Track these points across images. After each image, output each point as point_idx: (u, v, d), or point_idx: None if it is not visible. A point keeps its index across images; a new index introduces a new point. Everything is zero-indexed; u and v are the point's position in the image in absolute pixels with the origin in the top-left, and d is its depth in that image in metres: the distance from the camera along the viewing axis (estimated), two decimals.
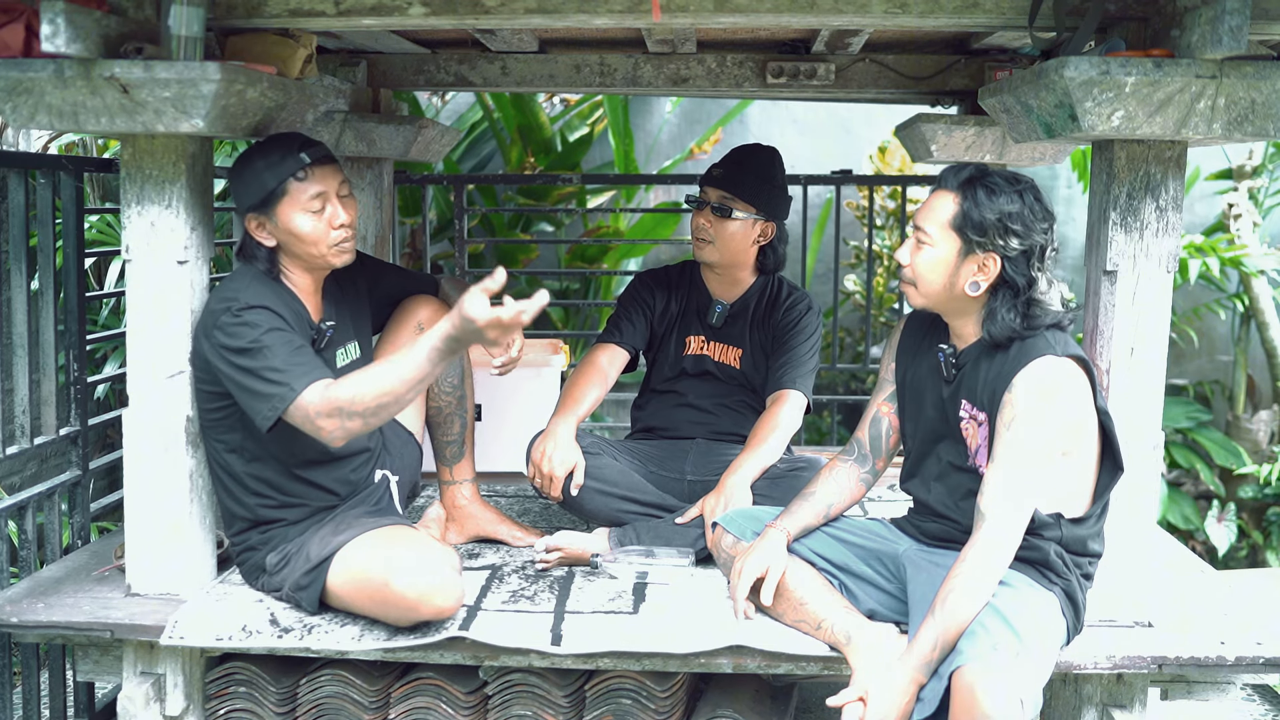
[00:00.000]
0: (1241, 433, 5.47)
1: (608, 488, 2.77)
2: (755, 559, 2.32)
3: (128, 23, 2.24)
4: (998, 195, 2.14)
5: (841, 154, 6.07)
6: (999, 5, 2.24)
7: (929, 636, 2.04)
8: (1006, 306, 2.15)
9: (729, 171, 2.89)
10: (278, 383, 2.21)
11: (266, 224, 2.37)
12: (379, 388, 2.16)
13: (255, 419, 2.26)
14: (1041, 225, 2.14)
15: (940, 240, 2.19)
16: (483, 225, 5.68)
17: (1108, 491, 2.19)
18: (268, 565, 2.42)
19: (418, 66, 3.57)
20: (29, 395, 2.71)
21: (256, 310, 2.28)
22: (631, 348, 3.01)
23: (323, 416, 2.18)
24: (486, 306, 2.03)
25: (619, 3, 2.26)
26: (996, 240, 2.13)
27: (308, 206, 2.35)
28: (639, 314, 3.04)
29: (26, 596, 2.45)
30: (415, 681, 2.40)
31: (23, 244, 2.67)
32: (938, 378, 2.32)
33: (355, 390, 2.17)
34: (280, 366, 2.22)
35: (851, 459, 2.48)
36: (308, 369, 2.24)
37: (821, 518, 2.43)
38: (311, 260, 2.41)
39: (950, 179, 2.21)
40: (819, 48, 3.36)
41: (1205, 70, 2.03)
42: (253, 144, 2.40)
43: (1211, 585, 2.64)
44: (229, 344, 2.25)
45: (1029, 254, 2.14)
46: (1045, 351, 2.12)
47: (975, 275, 2.17)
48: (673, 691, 2.37)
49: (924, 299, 2.25)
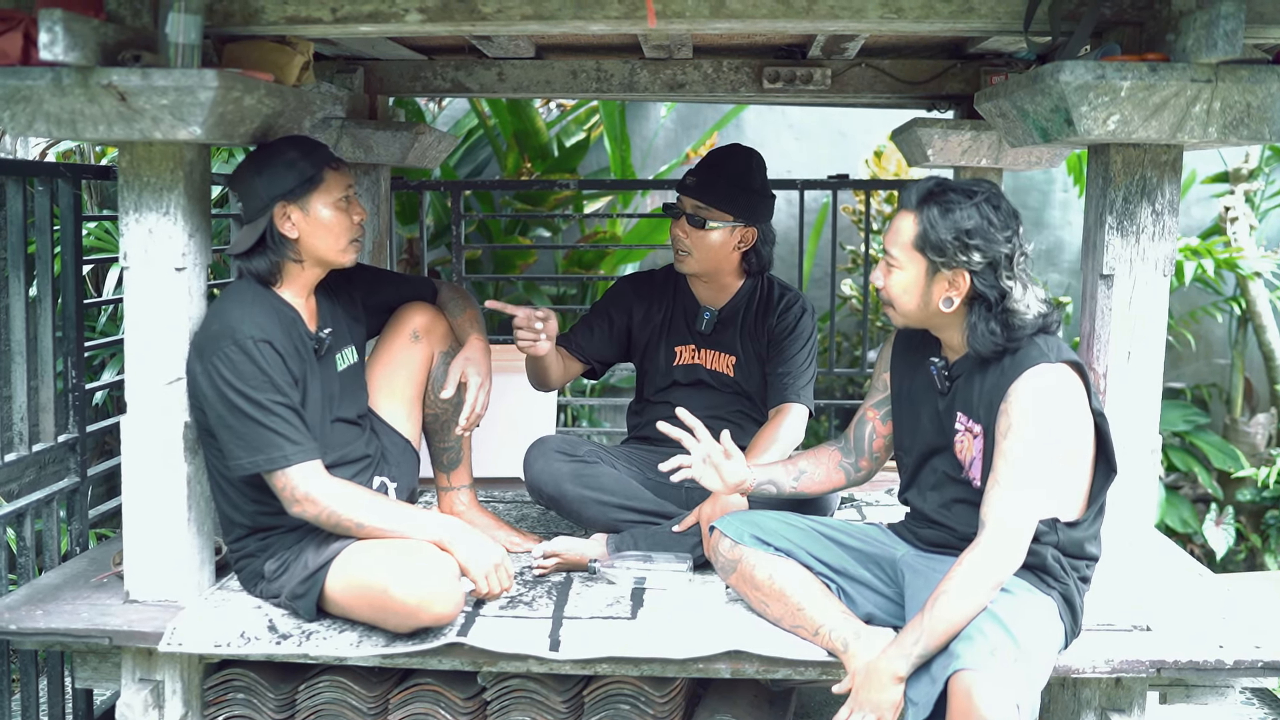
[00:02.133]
0: (1239, 436, 5.48)
1: (605, 496, 2.76)
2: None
3: (125, 31, 2.24)
4: (952, 211, 2.12)
5: (838, 158, 6.08)
6: (994, 10, 2.24)
7: (914, 633, 2.05)
8: (984, 320, 2.14)
9: (703, 179, 2.82)
10: (271, 444, 2.26)
11: (294, 213, 2.39)
12: (353, 517, 2.31)
13: (229, 460, 2.30)
14: (1004, 234, 2.12)
15: (907, 263, 2.19)
16: (480, 231, 5.69)
17: (1103, 494, 2.19)
18: (266, 572, 2.42)
19: (414, 73, 3.58)
20: (27, 402, 2.71)
21: (260, 346, 2.28)
22: (583, 358, 2.98)
23: (297, 502, 2.29)
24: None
25: (615, 9, 2.26)
26: (959, 257, 2.12)
27: (337, 198, 2.42)
28: (605, 325, 2.99)
29: (25, 603, 2.44)
30: (414, 687, 2.40)
31: (21, 251, 2.67)
32: (932, 391, 2.32)
33: (334, 505, 2.29)
34: (277, 429, 2.27)
35: (838, 447, 2.53)
36: (303, 443, 2.29)
37: (791, 482, 2.48)
38: (325, 257, 2.44)
39: (908, 198, 2.20)
40: (815, 53, 3.36)
41: (1201, 74, 2.04)
42: (272, 143, 2.42)
43: (1210, 589, 2.64)
44: (229, 379, 2.26)
45: (995, 265, 2.12)
46: (1038, 360, 2.11)
47: (947, 292, 2.17)
48: (671, 697, 2.37)
49: (903, 319, 2.26)
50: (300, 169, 2.38)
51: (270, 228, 2.39)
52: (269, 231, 2.39)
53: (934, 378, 2.30)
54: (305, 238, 2.41)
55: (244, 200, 2.42)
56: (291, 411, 2.30)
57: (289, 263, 2.43)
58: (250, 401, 2.26)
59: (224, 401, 2.26)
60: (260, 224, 2.39)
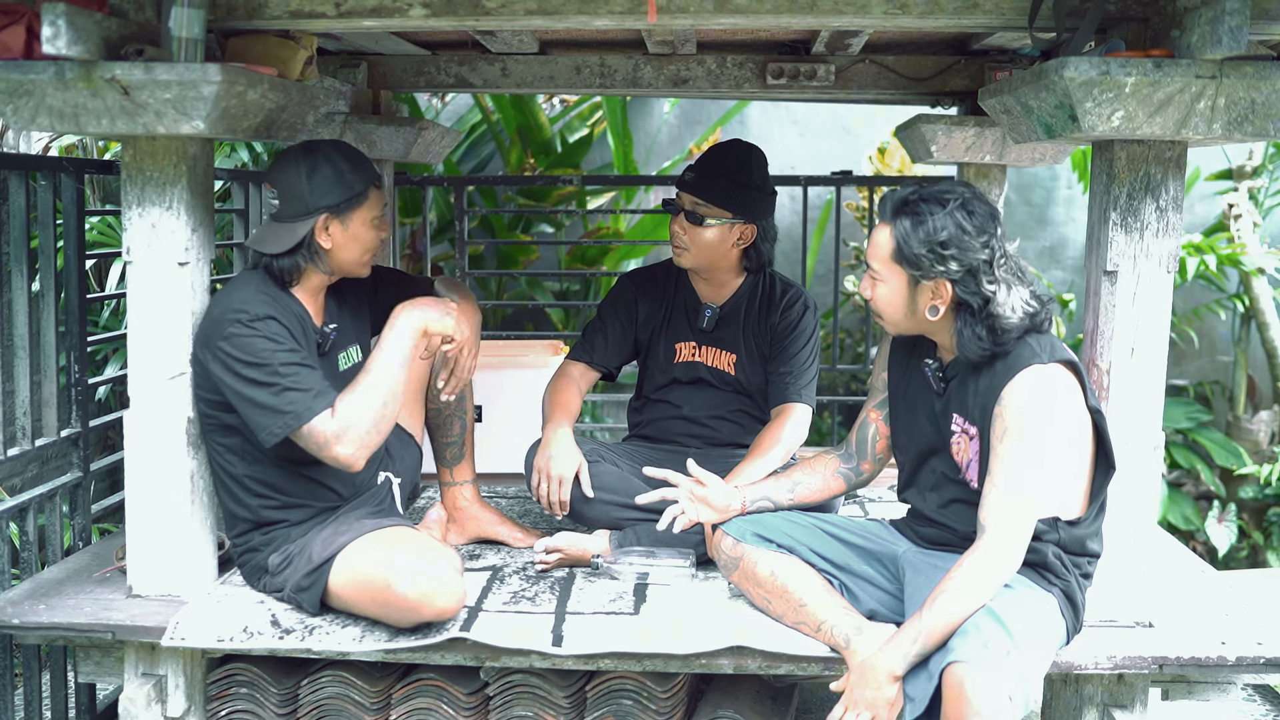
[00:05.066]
0: (1242, 433, 5.47)
1: (608, 495, 2.75)
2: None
3: (128, 25, 2.24)
4: (924, 223, 2.11)
5: (841, 155, 6.08)
6: (999, 6, 2.24)
7: (911, 631, 2.05)
8: (969, 326, 2.14)
9: (700, 176, 2.79)
10: (290, 401, 2.25)
11: (334, 226, 2.39)
12: (374, 393, 2.30)
13: (259, 433, 2.28)
14: (979, 240, 2.10)
15: (888, 276, 2.19)
16: (483, 226, 5.69)
17: (1103, 491, 2.19)
18: (270, 566, 2.42)
19: (418, 68, 3.57)
20: (30, 397, 2.71)
21: (266, 322, 2.28)
22: (603, 368, 2.98)
23: (329, 445, 2.27)
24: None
25: (619, 4, 2.26)
26: (936, 268, 2.11)
27: (375, 216, 2.45)
28: (616, 327, 2.98)
29: (28, 598, 2.45)
30: (416, 682, 2.40)
31: (24, 246, 2.67)
32: (929, 392, 2.32)
33: (358, 420, 2.29)
34: (293, 386, 2.26)
35: (837, 454, 2.53)
36: (321, 391, 2.28)
37: (787, 494, 2.50)
38: (347, 268, 2.47)
39: (885, 210, 2.20)
40: (819, 49, 3.36)
41: (1205, 70, 2.03)
42: (313, 144, 2.41)
43: (1212, 585, 2.64)
44: (238, 356, 2.26)
45: (974, 272, 2.11)
46: (1031, 361, 2.11)
47: (931, 301, 2.16)
48: (674, 692, 2.37)
49: (894, 328, 2.27)
50: (349, 183, 2.38)
51: (309, 236, 2.38)
52: (307, 239, 2.38)
53: (930, 379, 2.30)
54: (338, 249, 2.41)
55: (284, 201, 2.39)
56: (299, 367, 2.29)
57: (312, 268, 2.43)
58: (260, 368, 2.25)
59: (238, 378, 2.26)
60: (300, 230, 2.37)
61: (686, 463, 2.50)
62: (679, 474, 2.50)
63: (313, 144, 2.42)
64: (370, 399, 2.30)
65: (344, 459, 2.29)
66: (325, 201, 2.36)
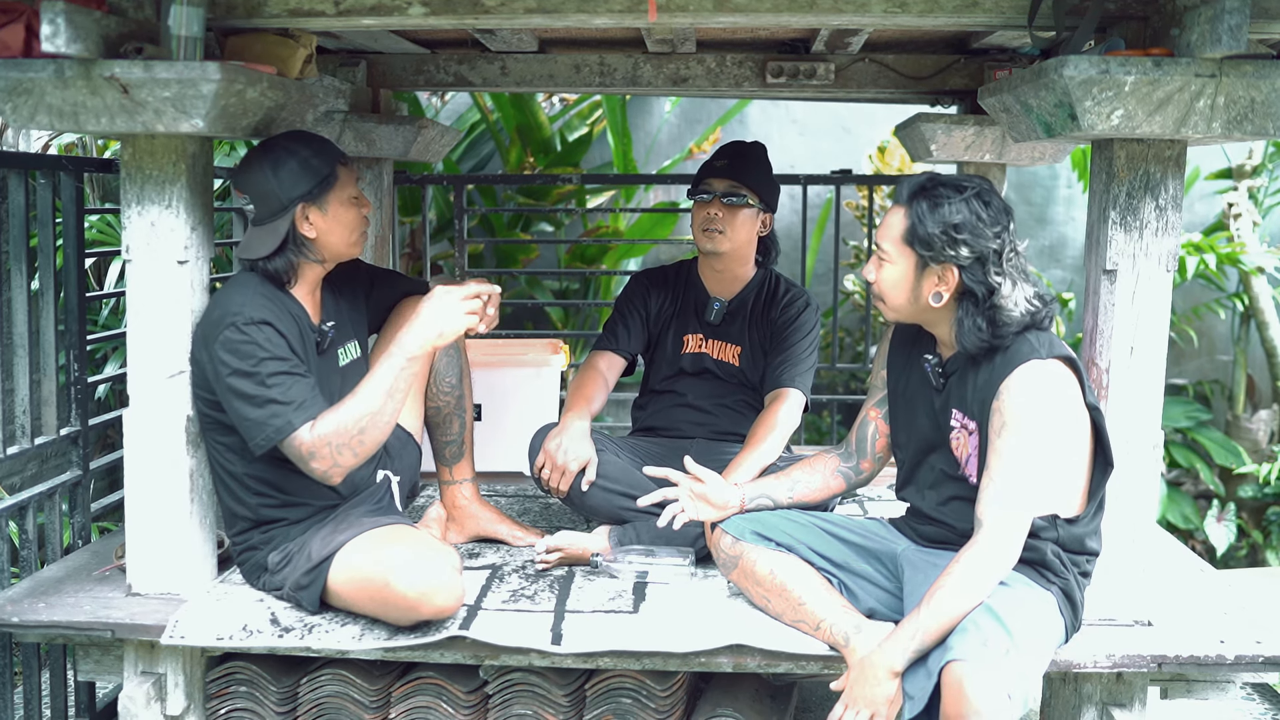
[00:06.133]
0: (1241, 432, 5.47)
1: (610, 484, 2.77)
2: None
3: (128, 23, 2.24)
4: (941, 206, 2.12)
5: (841, 154, 6.08)
6: (998, 4, 2.24)
7: (910, 628, 2.06)
8: (970, 315, 2.15)
9: (734, 162, 2.92)
10: (273, 414, 2.25)
11: (313, 214, 2.38)
12: (351, 418, 2.27)
13: (249, 441, 2.29)
14: (993, 230, 2.12)
15: (897, 257, 2.20)
16: (482, 225, 5.69)
17: (1101, 489, 2.19)
18: (269, 564, 2.42)
19: (417, 66, 3.57)
20: (29, 395, 2.71)
21: (260, 327, 2.28)
22: (628, 354, 3.04)
23: (309, 459, 2.27)
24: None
25: (619, 2, 2.26)
26: (947, 251, 2.12)
27: (350, 194, 2.43)
28: (635, 318, 3.06)
29: (27, 596, 2.45)
30: (416, 681, 2.40)
31: (23, 244, 2.67)
32: (928, 388, 2.32)
33: (337, 435, 2.27)
34: (277, 398, 2.25)
35: (837, 453, 2.53)
36: (304, 404, 2.27)
37: (786, 493, 2.50)
38: (338, 251, 2.45)
39: (901, 193, 2.21)
40: (818, 47, 3.36)
41: (1205, 69, 2.03)
42: (270, 141, 2.39)
43: (1211, 584, 2.64)
44: (231, 362, 2.26)
45: (983, 261, 2.12)
46: (1030, 356, 2.11)
47: (936, 287, 2.17)
48: (673, 691, 2.37)
49: (894, 314, 2.27)
50: (314, 168, 2.36)
51: (291, 230, 2.38)
52: (290, 234, 2.38)
53: (929, 374, 2.30)
54: (323, 236, 2.41)
55: (258, 203, 2.39)
56: (286, 376, 2.28)
57: (305, 262, 2.42)
58: (248, 378, 2.25)
59: (230, 383, 2.26)
60: (281, 227, 2.36)
61: (684, 460, 2.51)
62: (679, 473, 2.51)
63: (269, 141, 2.40)
64: (347, 423, 2.27)
65: (318, 474, 2.30)
66: (297, 192, 2.35)
